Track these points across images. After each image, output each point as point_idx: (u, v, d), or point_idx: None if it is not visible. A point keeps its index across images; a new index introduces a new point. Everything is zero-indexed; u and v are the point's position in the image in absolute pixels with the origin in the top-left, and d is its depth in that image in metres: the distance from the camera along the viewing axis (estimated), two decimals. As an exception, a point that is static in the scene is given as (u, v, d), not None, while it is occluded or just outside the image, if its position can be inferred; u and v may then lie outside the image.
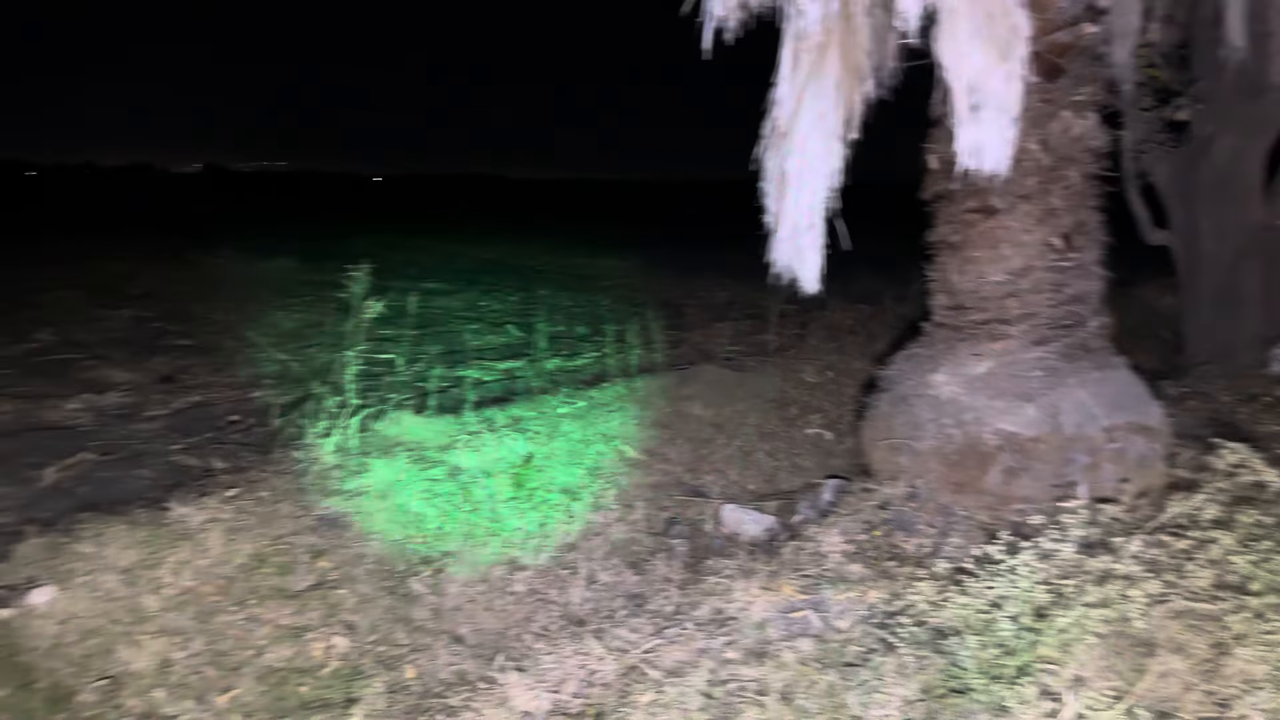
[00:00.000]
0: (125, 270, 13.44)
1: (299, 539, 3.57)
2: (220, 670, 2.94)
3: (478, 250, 18.64)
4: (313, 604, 3.29)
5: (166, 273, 13.36)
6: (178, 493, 3.88)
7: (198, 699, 2.84)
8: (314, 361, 6.87)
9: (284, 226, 25.64)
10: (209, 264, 14.50)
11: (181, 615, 3.07)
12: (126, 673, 2.83)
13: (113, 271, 13.32)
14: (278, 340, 7.89)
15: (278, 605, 3.23)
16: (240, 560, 3.34)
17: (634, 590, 3.81)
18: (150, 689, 2.82)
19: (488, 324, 9.51)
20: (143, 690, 2.81)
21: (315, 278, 12.63)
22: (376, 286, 4.69)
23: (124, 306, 10.05)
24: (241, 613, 3.15)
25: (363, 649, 3.18)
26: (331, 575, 3.45)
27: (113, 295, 10.96)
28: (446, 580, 3.62)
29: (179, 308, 10.14)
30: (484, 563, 3.78)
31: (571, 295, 11.99)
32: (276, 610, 3.21)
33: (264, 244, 17.79)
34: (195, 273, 13.43)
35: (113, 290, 11.39)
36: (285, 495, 3.81)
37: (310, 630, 3.18)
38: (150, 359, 7.43)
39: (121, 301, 10.40)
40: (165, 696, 2.81)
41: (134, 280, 12.36)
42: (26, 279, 12.34)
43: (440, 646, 3.30)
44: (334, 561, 3.52)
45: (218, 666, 2.95)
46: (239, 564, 3.34)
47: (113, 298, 10.75)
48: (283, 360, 7.06)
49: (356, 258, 4.93)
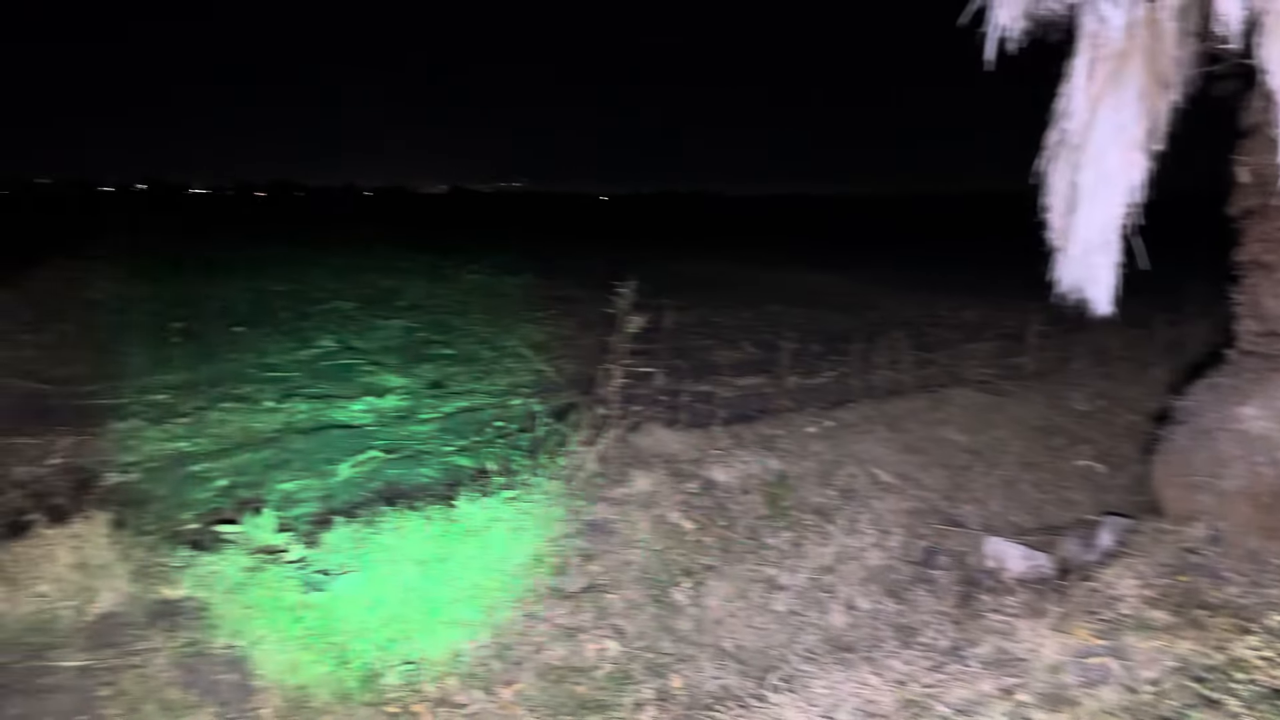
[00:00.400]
0: (391, 284, 14.70)
1: (570, 542, 3.73)
2: (504, 663, 3.12)
3: (698, 267, 18.91)
4: (585, 606, 3.42)
5: (426, 287, 14.48)
6: (459, 491, 4.17)
7: (485, 690, 3.02)
8: (567, 372, 7.21)
9: (525, 244, 27.11)
10: (463, 279, 15.58)
11: (470, 608, 3.28)
12: (424, 658, 3.06)
13: (380, 285, 14.60)
14: (531, 351, 8.34)
15: (554, 605, 3.39)
16: (520, 559, 3.54)
17: (898, 620, 3.70)
18: (444, 676, 3.04)
19: (722, 340, 9.59)
20: (437, 677, 3.03)
21: (558, 293, 13.27)
22: (613, 301, 4.84)
23: (393, 317, 10.99)
24: (522, 609, 3.33)
25: (631, 654, 3.27)
26: (601, 579, 3.58)
27: (383, 307, 12.01)
28: (707, 593, 3.66)
29: (440, 319, 10.95)
30: (742, 578, 3.79)
31: (804, 312, 11.88)
32: (553, 609, 3.37)
33: (508, 261, 18.90)
34: (452, 287, 14.47)
35: (382, 302, 12.48)
36: (556, 499, 3.99)
37: (583, 631, 3.31)
38: (419, 366, 8.07)
39: (391, 313, 11.37)
40: (457, 685, 3.02)
41: (400, 293, 13.49)
42: (310, 291, 13.77)
43: (704, 658, 3.34)
44: (603, 566, 3.65)
45: (502, 660, 3.13)
46: (518, 562, 3.53)
47: (383, 309, 11.78)
48: (538, 370, 7.45)
49: (593, 275, 5.14)
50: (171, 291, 13.91)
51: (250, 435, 5.74)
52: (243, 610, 2.98)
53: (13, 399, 6.75)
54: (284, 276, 16.05)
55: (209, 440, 5.62)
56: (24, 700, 2.49)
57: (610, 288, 4.86)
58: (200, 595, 3.05)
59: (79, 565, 3.01)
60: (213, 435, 5.72)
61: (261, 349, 9.02)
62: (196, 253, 22.55)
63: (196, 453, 5.37)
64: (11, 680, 2.58)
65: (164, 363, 8.25)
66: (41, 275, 13.22)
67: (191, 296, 13.25)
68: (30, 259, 16.28)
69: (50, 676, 2.61)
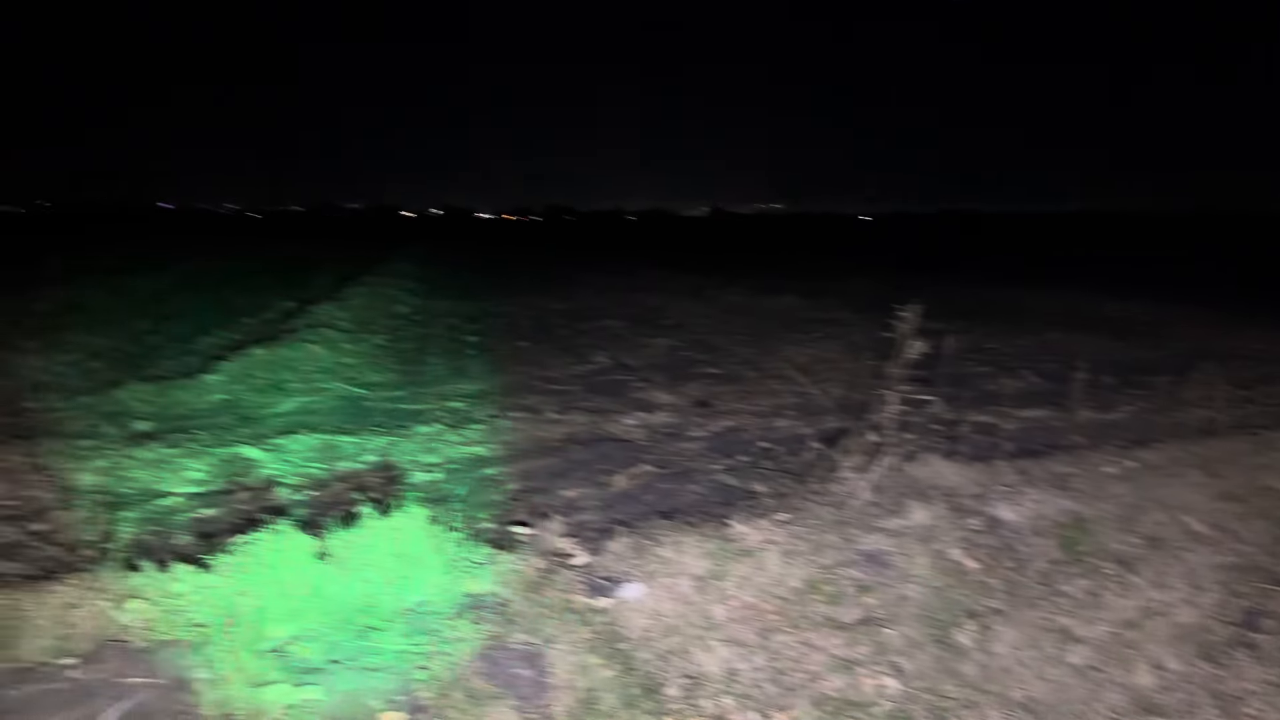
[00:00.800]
0: (657, 304, 15.20)
1: (845, 571, 3.65)
2: (779, 688, 3.10)
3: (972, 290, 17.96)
4: (861, 639, 3.33)
5: (690, 306, 14.84)
6: (732, 511, 4.22)
7: (760, 712, 3.02)
8: (834, 395, 7.10)
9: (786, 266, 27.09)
10: (724, 299, 15.81)
11: (745, 628, 3.30)
12: (701, 674, 3.11)
13: (647, 305, 15.13)
14: (797, 373, 8.29)
15: (829, 634, 3.33)
16: (794, 584, 3.51)
17: (1216, 686, 3.30)
18: (720, 694, 3.06)
19: (1002, 368, 9.03)
20: (714, 694, 3.06)
21: (823, 315, 13.13)
22: (884, 324, 4.67)
23: (660, 336, 11.34)
24: (797, 635, 3.30)
25: (911, 694, 3.14)
26: (878, 613, 3.47)
27: (649, 325, 12.43)
28: (993, 638, 3.44)
29: (704, 339, 11.17)
30: (1033, 626, 3.54)
31: (1093, 340, 10.96)
32: (828, 639, 3.31)
33: (768, 282, 18.96)
34: (714, 307, 14.72)
35: (648, 321, 12.93)
36: (829, 526, 3.93)
37: (860, 665, 3.22)
38: (686, 384, 8.26)
39: (657, 331, 11.75)
40: (732, 704, 3.04)
41: (664, 313, 13.92)
42: (583, 309, 14.53)
43: (990, 707, 3.14)
44: (879, 599, 3.54)
45: (777, 684, 3.12)
46: (793, 587, 3.51)
47: (649, 328, 12.19)
48: (804, 393, 7.39)
49: (858, 297, 4.99)
50: (465, 308, 15.22)
51: (536, 443, 6.13)
52: (537, 609, 3.17)
53: (336, 400, 7.65)
54: (559, 295, 17.07)
55: (500, 446, 6.07)
56: (352, 676, 2.79)
57: (878, 310, 4.74)
58: (500, 592, 3.29)
59: (398, 555, 3.34)
60: (503, 442, 6.17)
61: (543, 363, 9.63)
62: (484, 272, 24.53)
63: (490, 457, 5.81)
64: (343, 656, 2.90)
65: (460, 372, 9.03)
66: (357, 291, 14.88)
67: (482, 313, 14.42)
68: (347, 276, 18.43)
69: (375, 656, 2.91)
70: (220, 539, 3.44)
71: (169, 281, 18.77)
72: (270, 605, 3.03)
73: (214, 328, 11.81)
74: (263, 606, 3.02)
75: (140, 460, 5.51)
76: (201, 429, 6.47)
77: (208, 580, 3.10)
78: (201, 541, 4.25)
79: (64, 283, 17.01)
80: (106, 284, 17.00)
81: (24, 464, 5.35)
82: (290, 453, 5.79)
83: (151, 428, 6.54)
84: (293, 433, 6.21)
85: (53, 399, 7.45)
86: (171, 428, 6.53)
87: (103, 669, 2.65)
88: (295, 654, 2.86)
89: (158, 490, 5.10)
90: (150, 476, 5.29)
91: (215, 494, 5.09)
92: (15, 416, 6.83)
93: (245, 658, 2.75)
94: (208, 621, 2.94)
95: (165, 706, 2.52)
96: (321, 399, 7.62)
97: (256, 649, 2.81)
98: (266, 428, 6.59)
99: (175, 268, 22.58)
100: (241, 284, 18.61)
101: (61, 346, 10.00)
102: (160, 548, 4.18)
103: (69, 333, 11.03)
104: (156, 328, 11.78)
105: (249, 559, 3.15)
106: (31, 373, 8.56)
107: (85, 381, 8.22)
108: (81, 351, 9.81)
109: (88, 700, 2.49)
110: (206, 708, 2.51)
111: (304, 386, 7.96)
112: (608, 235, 69.16)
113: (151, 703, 2.52)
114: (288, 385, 7.95)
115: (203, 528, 4.52)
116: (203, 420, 6.80)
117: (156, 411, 7.05)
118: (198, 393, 7.58)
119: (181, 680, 2.63)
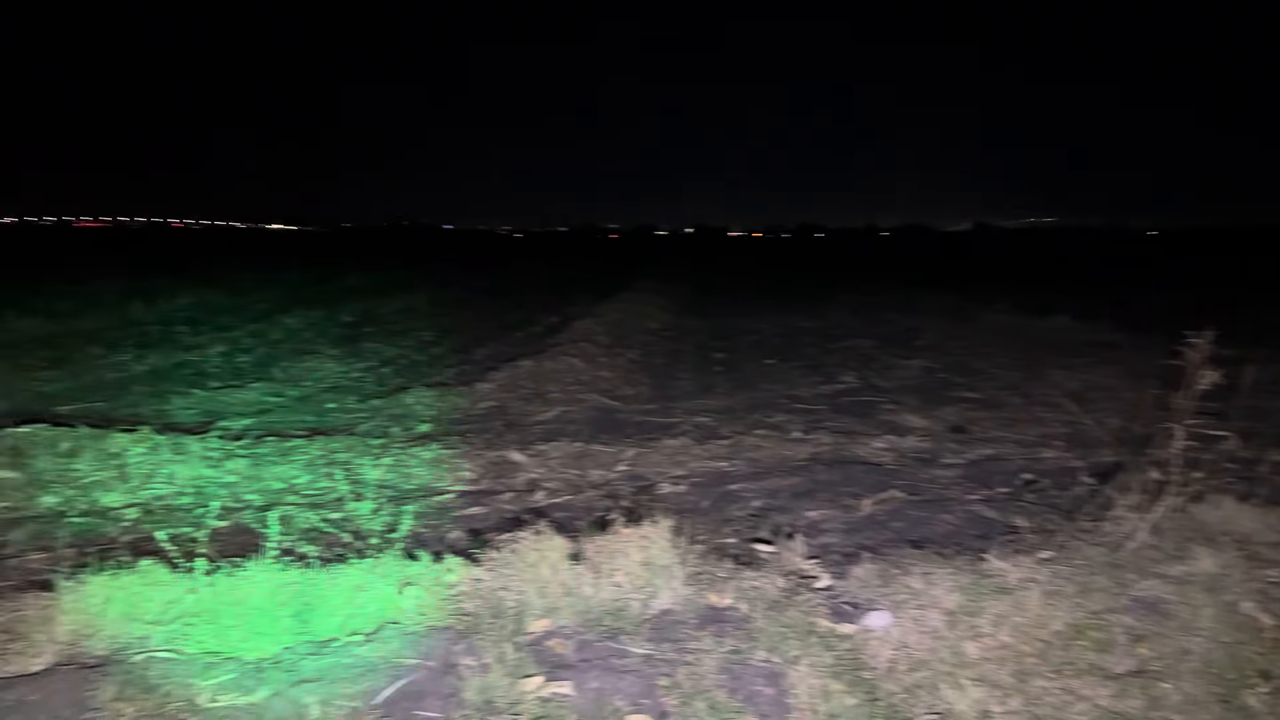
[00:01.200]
0: (912, 323, 14.67)
1: (1115, 617, 3.35)
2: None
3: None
4: (1133, 691, 3.05)
5: (948, 326, 14.19)
6: (988, 544, 4.01)
7: (1014, 758, 2.84)
8: (1110, 426, 6.53)
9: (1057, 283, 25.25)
10: (986, 319, 14.98)
11: (1000, 669, 3.11)
12: (951, 711, 2.97)
13: (900, 324, 14.65)
14: (1066, 399, 7.70)
15: (1095, 683, 3.07)
16: (1057, 627, 3.27)
17: None
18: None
19: None
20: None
21: (1098, 338, 12.12)
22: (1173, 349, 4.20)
23: (914, 357, 10.94)
24: (1058, 681, 3.07)
25: (1197, 761, 2.83)
26: (1152, 664, 3.16)
27: (902, 346, 12.03)
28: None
29: (963, 361, 10.65)
30: (1351, 700, 3.07)
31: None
32: (1094, 688, 3.05)
33: (1038, 301, 17.75)
34: (974, 327, 13.99)
35: (902, 341, 12.51)
36: (1099, 568, 3.63)
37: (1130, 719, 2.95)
38: (940, 408, 7.91)
39: (911, 352, 11.34)
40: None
41: (920, 333, 13.41)
42: (832, 329, 14.31)
43: (1289, 786, 2.76)
44: (1155, 650, 3.22)
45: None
46: (1055, 630, 3.27)
47: (902, 348, 11.79)
48: (1075, 422, 6.86)
49: (1141, 318, 4.52)
50: (714, 325, 15.48)
51: (781, 462, 6.13)
52: (779, 628, 3.17)
53: (593, 412, 8.04)
54: (809, 313, 16.92)
55: (745, 463, 6.11)
56: (602, 676, 2.91)
57: (1164, 334, 4.30)
58: (742, 608, 3.32)
59: (645, 563, 3.46)
60: (748, 458, 6.21)
61: (789, 381, 9.60)
62: (733, 290, 24.80)
63: (734, 473, 5.87)
64: (593, 656, 3.05)
65: (708, 388, 9.20)
66: (614, 308, 15.54)
67: (731, 330, 14.60)
68: (605, 294, 19.30)
69: (622, 659, 3.03)
70: (487, 535, 3.73)
71: (452, 296, 20.56)
72: (529, 601, 3.25)
73: (488, 339, 12.80)
74: (523, 601, 3.24)
75: (421, 459, 6.08)
76: (474, 433, 7.03)
77: (476, 573, 3.37)
78: (471, 537, 4.62)
79: (364, 297, 19.12)
80: (399, 298, 18.91)
81: (324, 458, 6.07)
82: (550, 458, 6.16)
83: (431, 429, 7.20)
84: (553, 440, 6.61)
85: (350, 400, 8.39)
86: (448, 430, 7.16)
87: (383, 648, 2.95)
88: (550, 649, 3.04)
89: (435, 487, 5.61)
90: (429, 474, 5.83)
91: (483, 493, 5.52)
92: (320, 416, 7.76)
93: (506, 648, 2.96)
94: (474, 611, 3.20)
95: (435, 688, 2.76)
96: (579, 409, 8.04)
97: (516, 641, 3.02)
98: (530, 434, 7.05)
99: (458, 284, 24.70)
100: (513, 299, 20.02)
101: (360, 354, 11.24)
102: (435, 540, 4.60)
103: (366, 342, 12.39)
104: (439, 339, 12.94)
105: (512, 556, 3.40)
106: (333, 377, 9.70)
107: (378, 386, 9.18)
108: (376, 359, 10.99)
109: (369, 675, 2.79)
110: (470, 692, 2.73)
111: (563, 396, 8.43)
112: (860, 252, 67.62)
113: (422, 683, 2.77)
114: (550, 395, 8.46)
115: (472, 524, 4.92)
116: (475, 424, 7.39)
117: (436, 415, 7.74)
118: (472, 399, 8.24)
119: (449, 664, 2.88)
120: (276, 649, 2.91)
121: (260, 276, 25.65)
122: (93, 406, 7.95)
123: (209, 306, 17.21)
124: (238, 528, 4.79)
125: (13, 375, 9.30)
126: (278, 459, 6.01)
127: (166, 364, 10.34)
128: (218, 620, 2.99)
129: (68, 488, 5.34)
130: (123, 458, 5.67)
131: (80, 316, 14.57)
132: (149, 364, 10.31)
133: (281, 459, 6.01)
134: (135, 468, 5.56)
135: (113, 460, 5.67)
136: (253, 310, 16.44)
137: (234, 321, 14.42)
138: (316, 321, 14.41)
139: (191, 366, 10.22)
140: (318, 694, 2.67)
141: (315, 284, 23.69)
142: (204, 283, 21.49)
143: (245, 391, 8.71)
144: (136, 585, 3.09)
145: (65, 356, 10.63)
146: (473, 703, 2.70)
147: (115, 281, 21.33)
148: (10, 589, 3.44)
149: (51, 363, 10.17)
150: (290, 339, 12.62)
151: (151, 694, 2.59)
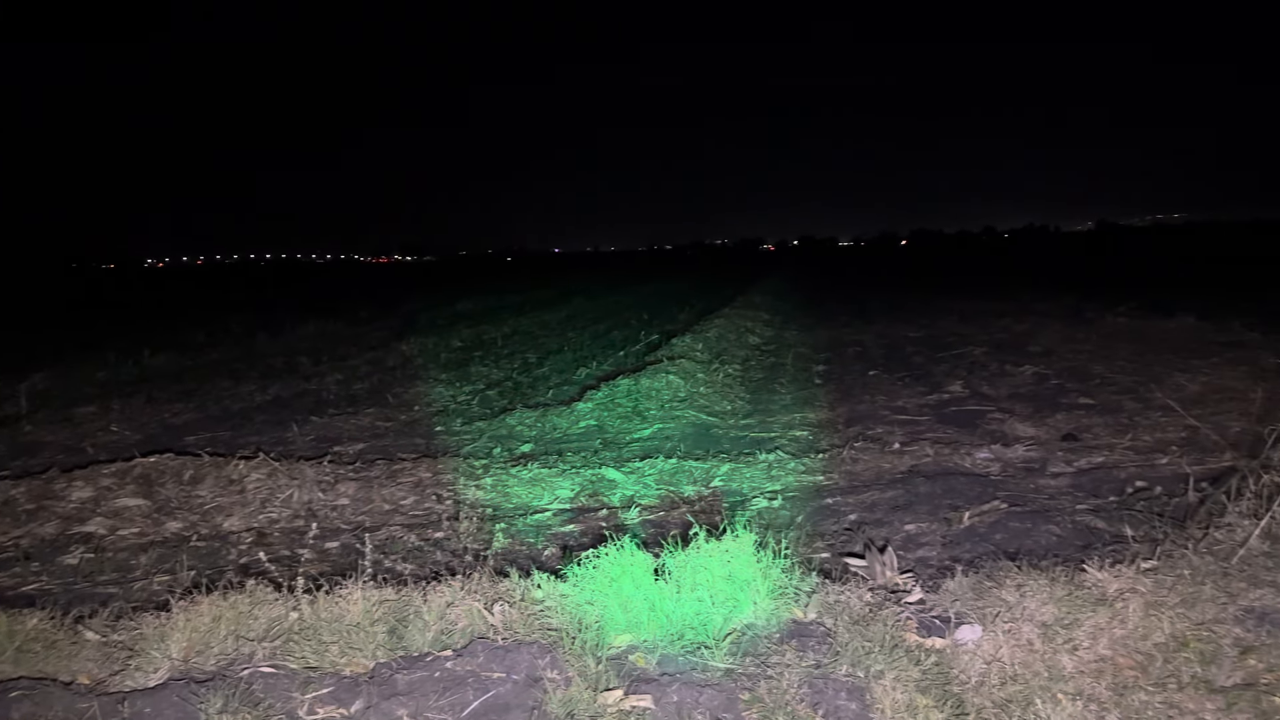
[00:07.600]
0: (1025, 329, 14.17)
1: (1223, 628, 3.18)
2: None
3: None
4: (1241, 704, 2.88)
5: (1064, 330, 13.65)
6: (1090, 555, 3.86)
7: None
8: (1229, 431, 6.17)
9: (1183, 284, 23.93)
10: (1107, 323, 14.33)
11: (1097, 683, 3.00)
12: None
13: (1013, 330, 14.16)
14: (1184, 404, 7.31)
15: (1200, 697, 2.92)
16: (1158, 639, 3.13)
17: None
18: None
19: None
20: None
21: (1220, 338, 11.46)
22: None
23: (1025, 363, 10.56)
24: (1159, 695, 2.93)
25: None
26: (1264, 678, 2.98)
27: (1014, 352, 11.63)
28: None
29: (1078, 366, 10.23)
30: None
31: None
32: (1198, 702, 2.90)
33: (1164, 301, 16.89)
34: (1093, 331, 13.41)
35: (1014, 348, 12.10)
36: (1207, 577, 3.45)
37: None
38: (1052, 416, 7.63)
39: (1023, 359, 10.95)
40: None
41: (1034, 338, 12.94)
42: (943, 337, 13.94)
43: None
44: (1266, 663, 3.04)
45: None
46: (1157, 642, 3.13)
47: (1014, 355, 11.40)
48: (1192, 427, 6.51)
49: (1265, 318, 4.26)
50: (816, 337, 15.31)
51: (879, 474, 6.03)
52: (864, 642, 3.14)
53: (688, 427, 8.08)
54: (917, 322, 16.54)
55: (841, 476, 6.04)
56: (682, 690, 2.94)
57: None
58: (827, 622, 3.30)
59: (728, 577, 3.48)
60: (845, 471, 6.14)
61: (893, 392, 9.41)
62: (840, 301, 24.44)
63: (830, 486, 5.81)
64: (675, 670, 3.08)
65: (807, 402, 9.11)
66: (714, 324, 15.55)
67: (834, 341, 14.41)
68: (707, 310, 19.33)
69: (704, 673, 3.05)
70: (576, 552, 3.82)
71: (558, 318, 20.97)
72: (613, 615, 3.31)
73: (590, 359, 13.00)
74: (606, 616, 3.31)
75: (520, 479, 6.24)
76: (573, 451, 7.17)
77: (562, 589, 3.46)
78: (560, 553, 4.73)
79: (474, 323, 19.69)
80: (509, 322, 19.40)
81: (430, 479, 6.30)
82: (646, 475, 6.23)
83: (531, 449, 7.37)
84: (649, 457, 6.68)
85: (456, 423, 8.68)
86: (548, 449, 7.32)
87: (471, 662, 3.06)
88: (632, 663, 3.09)
89: (532, 506, 5.75)
90: (527, 493, 5.98)
91: (578, 510, 5.63)
92: (428, 439, 8.06)
93: (589, 662, 3.03)
94: (559, 626, 3.28)
95: (520, 701, 2.85)
96: (675, 426, 8.09)
97: (599, 655, 3.08)
98: (627, 451, 7.14)
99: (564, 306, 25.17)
100: (616, 318, 20.26)
101: (468, 378, 11.60)
102: (527, 558, 4.72)
103: (474, 366, 12.76)
104: (543, 360, 13.22)
105: (597, 572, 3.47)
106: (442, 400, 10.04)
107: (483, 409, 9.46)
108: (483, 382, 11.31)
109: (458, 690, 2.89)
110: (553, 705, 2.81)
111: (661, 414, 8.49)
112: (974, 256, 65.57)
113: (507, 695, 2.86)
114: (648, 413, 8.54)
115: (563, 540, 5.03)
116: (574, 443, 7.54)
117: (537, 435, 7.93)
118: (571, 419, 8.40)
119: (534, 677, 2.97)
120: (371, 664, 3.05)
121: (378, 307, 26.73)
122: (217, 435, 8.46)
123: (329, 336, 18.05)
124: (343, 548, 5.04)
125: (145, 409, 9.97)
126: (386, 481, 6.27)
127: (288, 394, 10.90)
128: (317, 637, 3.16)
129: (191, 513, 5.72)
130: (242, 484, 6.03)
131: (210, 350, 15.52)
132: (271, 394, 10.89)
133: (390, 481, 6.27)
134: (253, 493, 5.90)
135: (233, 486, 6.04)
136: (370, 339, 17.15)
137: (352, 351, 15.08)
138: (428, 348, 14.92)
139: (311, 395, 10.73)
140: (408, 707, 2.79)
141: (428, 310, 24.53)
142: (325, 314, 22.54)
143: (359, 418, 9.10)
144: (244, 604, 3.30)
145: (194, 389, 11.34)
146: (555, 715, 2.78)
147: (243, 316, 22.64)
148: (133, 609, 3.72)
149: (181, 395, 10.86)
150: (403, 365, 13.11)
151: (255, 708, 2.76)
